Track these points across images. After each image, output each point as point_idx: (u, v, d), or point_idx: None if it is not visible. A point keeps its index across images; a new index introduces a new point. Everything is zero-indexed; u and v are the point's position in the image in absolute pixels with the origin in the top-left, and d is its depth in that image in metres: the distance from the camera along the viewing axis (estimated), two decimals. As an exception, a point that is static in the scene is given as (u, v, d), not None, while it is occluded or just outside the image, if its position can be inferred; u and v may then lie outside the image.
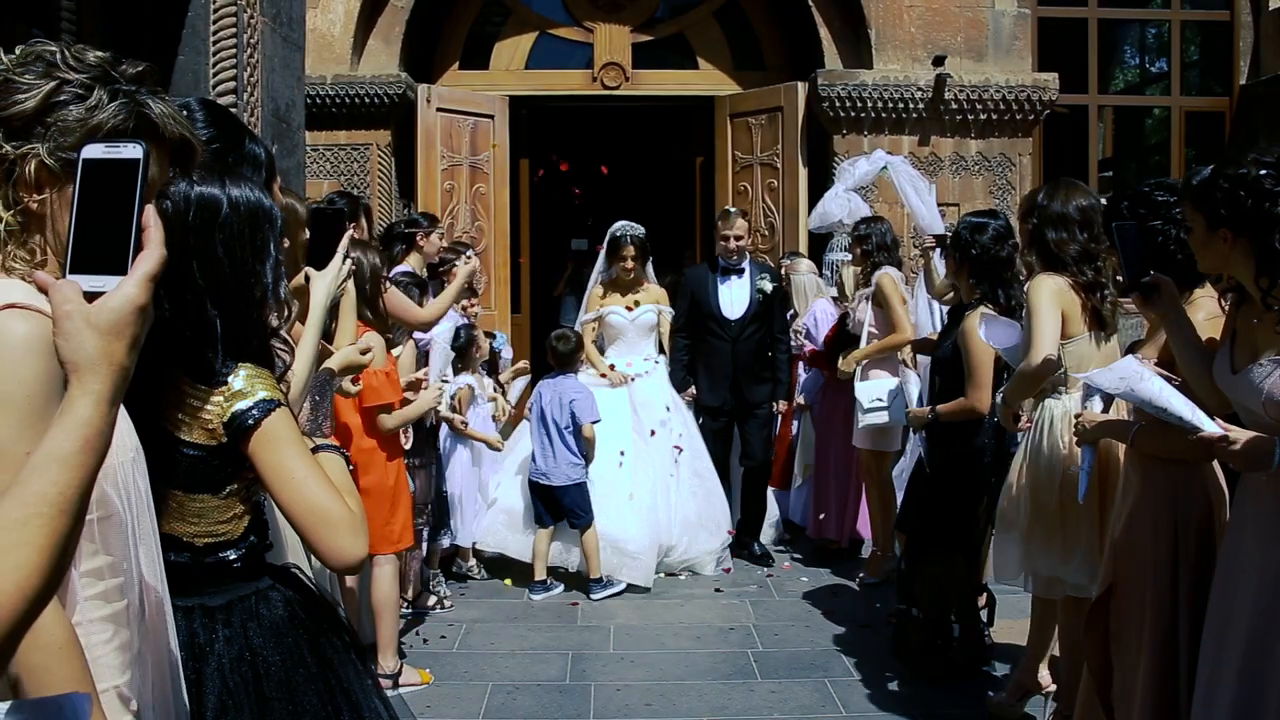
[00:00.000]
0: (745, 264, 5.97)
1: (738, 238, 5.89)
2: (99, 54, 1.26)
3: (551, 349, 5.61)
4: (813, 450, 6.20)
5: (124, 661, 1.38)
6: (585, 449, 5.44)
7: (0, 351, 1.14)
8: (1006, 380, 3.94)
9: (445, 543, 5.33)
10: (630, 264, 5.94)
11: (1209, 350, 2.54)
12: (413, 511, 4.41)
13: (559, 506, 5.40)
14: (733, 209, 6.29)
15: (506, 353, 6.74)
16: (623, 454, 5.65)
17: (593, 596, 5.28)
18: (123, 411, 1.38)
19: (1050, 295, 3.40)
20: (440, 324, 4.81)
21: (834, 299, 6.42)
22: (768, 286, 5.89)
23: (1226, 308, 2.53)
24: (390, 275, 4.97)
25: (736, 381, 5.89)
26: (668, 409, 5.84)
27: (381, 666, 3.99)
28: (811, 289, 6.52)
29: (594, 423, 5.41)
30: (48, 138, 1.19)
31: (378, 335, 3.81)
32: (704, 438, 5.91)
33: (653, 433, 5.76)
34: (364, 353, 3.23)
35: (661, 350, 6.12)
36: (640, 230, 6.01)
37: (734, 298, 5.91)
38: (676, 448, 5.77)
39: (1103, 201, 3.57)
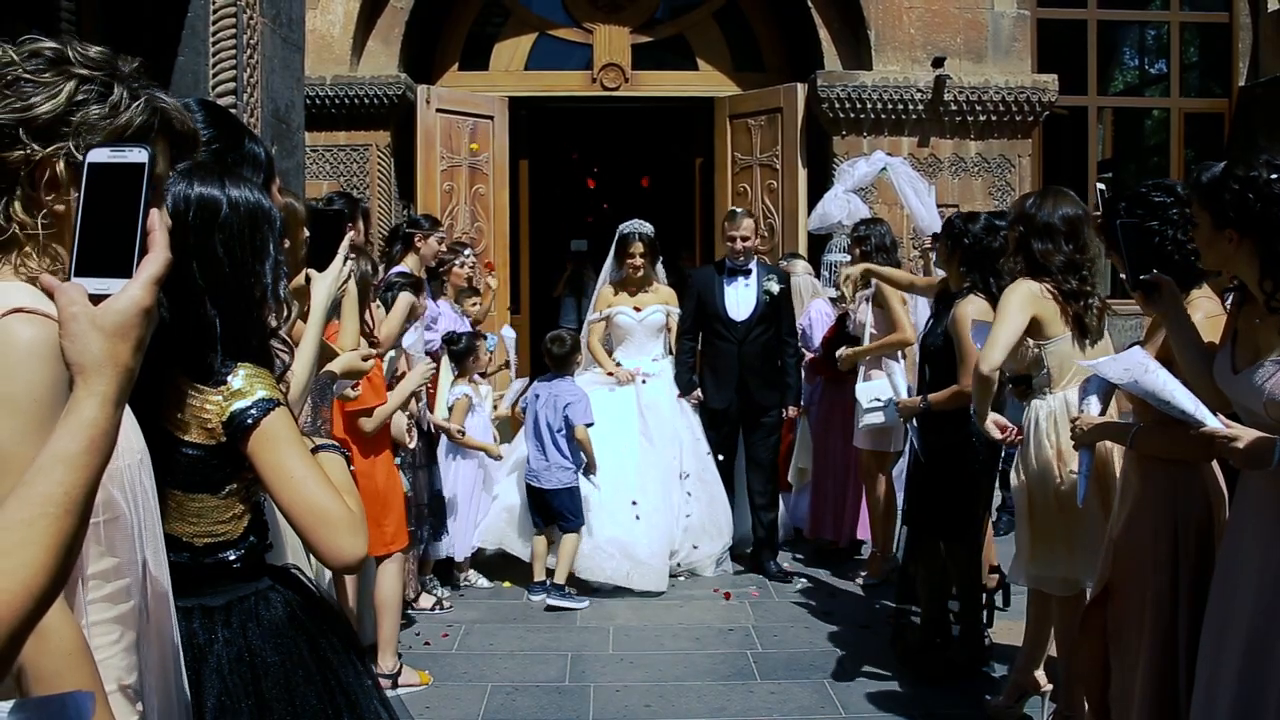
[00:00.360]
0: (752, 265, 5.89)
1: (744, 238, 5.81)
2: (99, 49, 1.26)
3: (547, 351, 5.57)
4: (808, 454, 6.18)
5: (131, 662, 1.38)
6: (579, 452, 5.39)
7: (6, 356, 1.15)
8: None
9: (441, 550, 5.28)
10: (638, 261, 5.89)
11: (1209, 350, 2.54)
12: (408, 513, 4.39)
13: (550, 509, 5.38)
14: (739, 209, 6.25)
15: (509, 332, 6.71)
16: (635, 504, 5.57)
17: (549, 600, 5.18)
18: (129, 414, 1.38)
19: (1021, 301, 3.45)
20: (408, 335, 4.74)
21: (832, 300, 6.42)
22: (775, 287, 5.80)
23: (1228, 307, 2.53)
24: (387, 276, 4.98)
25: (743, 383, 5.79)
26: (681, 414, 5.81)
27: (380, 666, 3.99)
28: (808, 290, 6.51)
29: (588, 425, 5.36)
30: (73, 137, 1.19)
31: (363, 341, 3.82)
32: (710, 440, 5.84)
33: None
34: (366, 359, 3.26)
35: (670, 352, 6.06)
36: (649, 228, 5.96)
37: (740, 299, 5.82)
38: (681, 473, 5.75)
39: (1104, 190, 3.60)
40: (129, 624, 1.38)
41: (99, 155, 1.08)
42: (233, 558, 1.73)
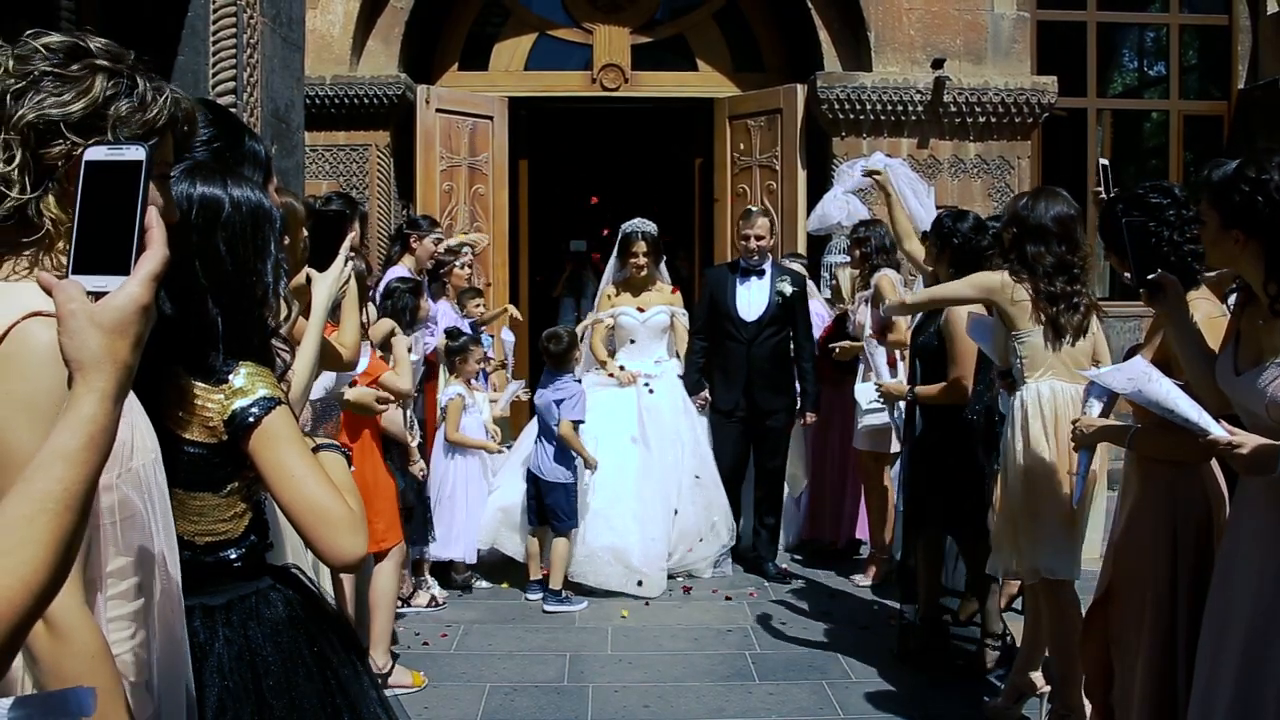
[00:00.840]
0: (766, 265, 5.81)
1: (758, 238, 5.73)
2: (106, 41, 1.28)
3: (545, 349, 5.48)
4: (800, 458, 6.16)
5: (142, 659, 1.39)
6: (570, 453, 5.31)
7: (27, 359, 1.16)
8: (987, 371, 4.05)
9: (429, 552, 5.25)
10: (641, 260, 5.82)
11: (1211, 352, 2.55)
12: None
13: (544, 505, 5.32)
14: (755, 208, 6.20)
15: (507, 335, 6.70)
16: (632, 511, 5.50)
17: (546, 607, 5.17)
18: (144, 415, 1.39)
19: (977, 282, 3.66)
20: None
21: (827, 301, 6.42)
22: (788, 289, 5.71)
23: (1231, 308, 2.53)
24: (386, 279, 4.98)
25: (750, 385, 5.70)
26: (684, 415, 5.76)
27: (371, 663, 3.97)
28: (803, 292, 6.51)
29: (578, 423, 5.30)
30: (109, 130, 1.21)
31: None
32: (717, 441, 5.79)
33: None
34: (381, 401, 3.28)
35: (677, 355, 6.00)
36: (652, 227, 5.89)
37: (752, 299, 5.73)
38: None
39: (1105, 165, 3.67)
40: (141, 621, 1.39)
41: (96, 153, 1.08)
42: (233, 556, 1.73)
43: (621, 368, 5.86)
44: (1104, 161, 3.82)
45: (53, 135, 1.20)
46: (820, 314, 6.27)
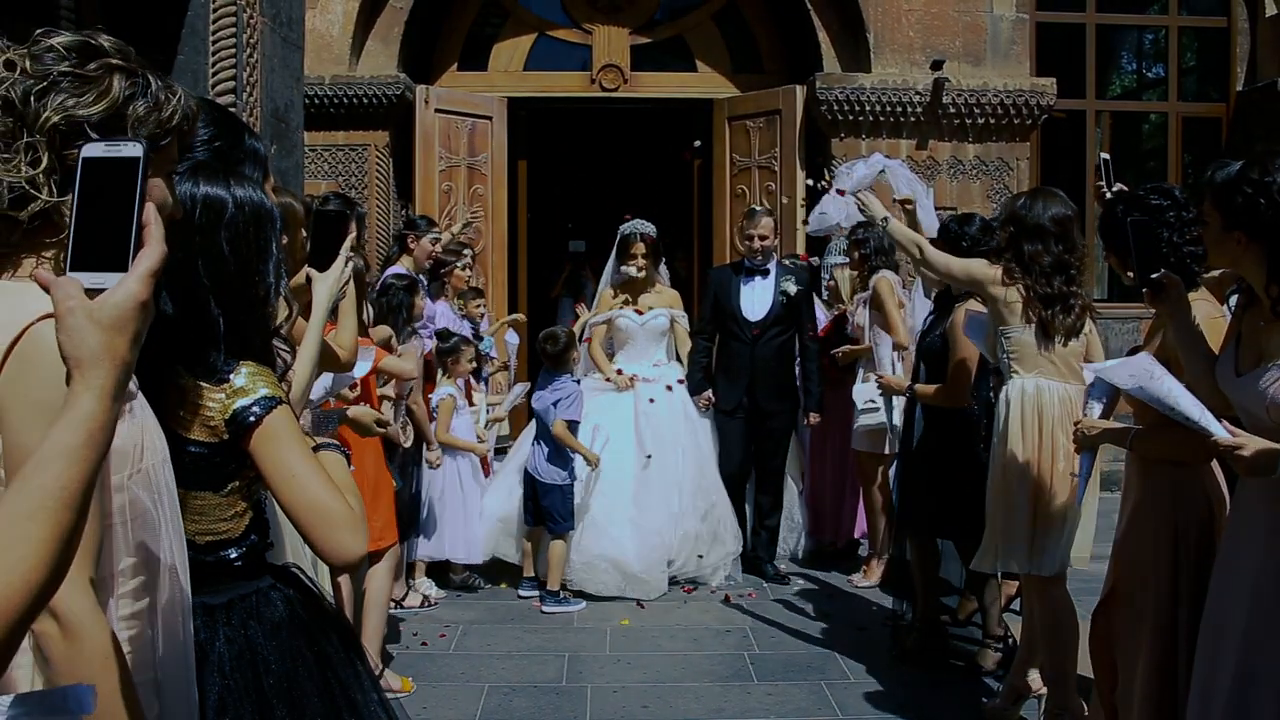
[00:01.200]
0: (771, 265, 5.79)
1: (762, 237, 5.70)
2: (113, 39, 1.28)
3: (542, 350, 5.46)
4: (798, 461, 6.15)
5: (149, 658, 1.39)
6: (566, 454, 5.30)
7: (39, 362, 1.16)
8: (987, 375, 4.06)
9: (421, 554, 5.23)
10: (640, 262, 5.80)
11: (1211, 353, 2.55)
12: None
13: (540, 506, 5.31)
14: (759, 208, 6.18)
15: (512, 337, 6.67)
16: (629, 517, 5.47)
17: (544, 608, 5.17)
18: (153, 415, 1.39)
19: (970, 269, 3.68)
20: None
21: (824, 302, 6.42)
22: (792, 289, 5.68)
23: (1233, 309, 2.53)
24: (384, 278, 4.98)
25: (754, 385, 5.68)
26: (684, 418, 5.73)
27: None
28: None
29: (572, 422, 5.28)
30: (127, 131, 1.22)
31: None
32: (722, 442, 5.78)
33: (649, 456, 5.59)
34: (380, 424, 3.30)
35: (677, 358, 5.97)
36: (650, 228, 5.85)
37: (756, 299, 5.71)
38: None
39: (1106, 159, 3.71)
40: (147, 620, 1.40)
41: (94, 150, 1.07)
42: (234, 556, 1.73)
43: (619, 371, 5.84)
44: (1104, 155, 3.83)
45: (76, 136, 1.20)
46: (818, 315, 6.27)
